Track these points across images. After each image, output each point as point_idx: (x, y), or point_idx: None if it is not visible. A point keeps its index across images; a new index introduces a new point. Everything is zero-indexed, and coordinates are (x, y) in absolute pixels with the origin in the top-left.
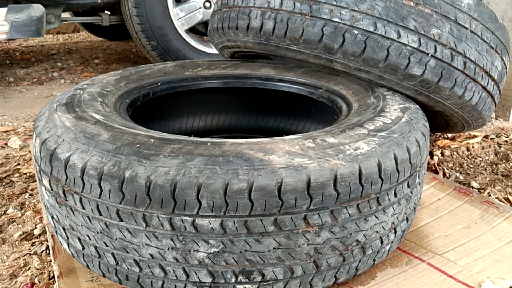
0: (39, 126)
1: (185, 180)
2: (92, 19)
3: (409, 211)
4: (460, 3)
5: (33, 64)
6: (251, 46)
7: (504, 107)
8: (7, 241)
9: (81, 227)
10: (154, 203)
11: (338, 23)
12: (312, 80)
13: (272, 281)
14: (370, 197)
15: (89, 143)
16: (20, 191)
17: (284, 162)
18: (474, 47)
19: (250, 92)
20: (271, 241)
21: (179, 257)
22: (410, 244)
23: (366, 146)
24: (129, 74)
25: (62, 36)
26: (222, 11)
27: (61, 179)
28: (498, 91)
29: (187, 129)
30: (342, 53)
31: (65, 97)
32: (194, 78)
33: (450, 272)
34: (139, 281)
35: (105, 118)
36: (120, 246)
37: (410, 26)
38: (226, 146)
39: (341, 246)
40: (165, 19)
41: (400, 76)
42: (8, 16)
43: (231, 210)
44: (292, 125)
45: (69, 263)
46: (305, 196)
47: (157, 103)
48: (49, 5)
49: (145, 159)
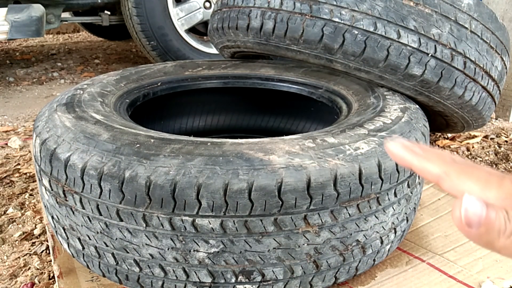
0: (39, 126)
1: (185, 180)
2: (92, 19)
3: (409, 211)
4: (460, 3)
5: (33, 64)
6: (251, 46)
7: (504, 107)
8: (7, 241)
9: (81, 227)
10: (154, 203)
11: (338, 23)
12: (312, 80)
13: (272, 281)
14: (370, 197)
15: (89, 143)
16: (20, 191)
17: (284, 162)
18: (474, 47)
19: (250, 92)
20: (271, 241)
21: (179, 257)
22: (410, 244)
23: (366, 146)
24: (129, 74)
25: (62, 36)
26: (222, 11)
27: (61, 179)
28: (498, 91)
29: (187, 129)
30: (342, 53)
31: (65, 97)
32: (194, 78)
33: (450, 272)
34: (139, 281)
35: (105, 118)
36: (120, 246)
37: (410, 26)
38: (226, 146)
39: (341, 246)
40: (165, 19)
41: (400, 76)
42: (8, 16)
43: (231, 210)
44: (292, 125)
45: (69, 263)
46: (305, 196)
47: (157, 103)
48: (49, 5)
49: (145, 159)
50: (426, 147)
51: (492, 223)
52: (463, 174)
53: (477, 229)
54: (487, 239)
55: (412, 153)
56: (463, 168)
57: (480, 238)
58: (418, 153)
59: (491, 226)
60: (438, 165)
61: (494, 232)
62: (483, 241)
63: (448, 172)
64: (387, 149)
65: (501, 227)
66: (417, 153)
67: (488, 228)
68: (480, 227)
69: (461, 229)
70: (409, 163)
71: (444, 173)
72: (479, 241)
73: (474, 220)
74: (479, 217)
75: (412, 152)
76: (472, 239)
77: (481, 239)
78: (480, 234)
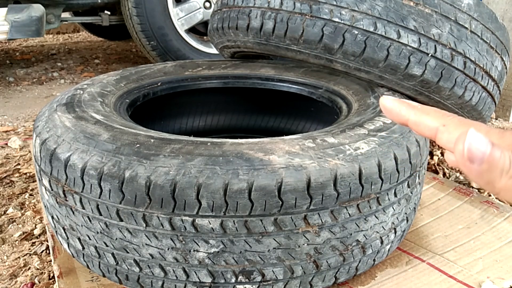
0: (39, 126)
1: (185, 180)
2: (92, 19)
3: (409, 211)
4: (460, 3)
5: (33, 64)
6: (251, 46)
7: (504, 107)
8: (7, 241)
9: (81, 227)
10: (154, 203)
11: (338, 23)
12: (312, 80)
13: (272, 281)
14: (370, 197)
15: (89, 143)
16: (20, 191)
17: (284, 162)
18: (474, 47)
19: (250, 92)
20: (271, 241)
21: (179, 257)
22: (410, 244)
23: (366, 146)
24: (129, 74)
25: (62, 36)
26: (222, 11)
27: (61, 179)
28: (498, 91)
29: (187, 129)
30: (342, 53)
31: (65, 97)
32: (194, 78)
33: (450, 272)
34: (139, 281)
35: (105, 118)
36: (120, 246)
37: (410, 26)
38: (226, 146)
39: (341, 246)
40: (165, 19)
41: (400, 76)
42: (8, 16)
43: (231, 210)
44: (292, 125)
45: (69, 263)
46: (305, 196)
47: (157, 103)
48: (49, 5)
49: (145, 159)
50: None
51: (496, 161)
52: (462, 126)
53: (480, 166)
54: (489, 177)
55: (408, 106)
56: (461, 120)
57: (481, 176)
58: (415, 106)
59: (494, 164)
60: (436, 118)
61: (497, 171)
62: (484, 179)
63: (447, 124)
64: (382, 105)
65: (505, 166)
66: (414, 106)
67: (491, 166)
68: (483, 164)
69: (462, 164)
70: (405, 118)
71: (442, 126)
72: (480, 179)
73: (478, 155)
74: (483, 153)
75: (408, 106)
76: (473, 177)
77: (482, 177)
78: (482, 172)
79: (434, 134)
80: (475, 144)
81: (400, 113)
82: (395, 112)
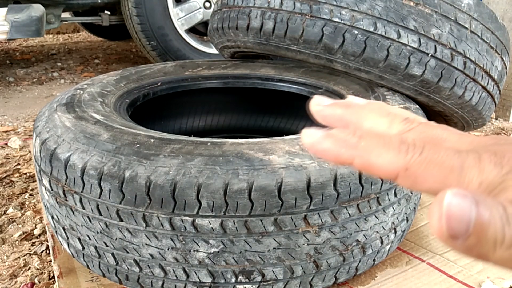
0: (39, 126)
1: (185, 180)
2: (92, 19)
3: (409, 211)
4: (460, 3)
5: (33, 64)
6: (251, 46)
7: (504, 107)
8: (7, 241)
9: (81, 227)
10: (154, 203)
11: (338, 23)
12: (312, 80)
13: (272, 281)
14: (370, 197)
15: (89, 143)
16: (20, 191)
17: (284, 162)
18: (474, 47)
19: (250, 92)
20: (271, 241)
21: (179, 257)
22: (410, 244)
23: None
24: (129, 74)
25: (62, 36)
26: (222, 11)
27: (61, 179)
28: (498, 91)
29: (187, 129)
30: (342, 53)
31: (65, 97)
32: (194, 78)
33: (450, 272)
34: (139, 281)
35: (105, 118)
36: (120, 246)
37: (410, 26)
38: (226, 146)
39: (341, 246)
40: (165, 19)
41: (400, 76)
42: (8, 16)
43: (231, 210)
44: (292, 125)
45: (69, 263)
46: (305, 196)
47: (157, 103)
48: (49, 5)
49: (145, 159)
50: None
51: (485, 231)
52: (430, 165)
53: (465, 241)
54: (480, 251)
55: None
56: (427, 156)
57: (470, 251)
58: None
59: (483, 235)
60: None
61: (489, 243)
62: (474, 254)
63: (410, 165)
64: (304, 143)
65: (498, 235)
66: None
67: (480, 239)
68: (469, 238)
69: (443, 241)
70: (336, 158)
71: (403, 170)
72: (469, 254)
73: (461, 230)
74: (467, 223)
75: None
76: (459, 252)
77: (472, 252)
78: (470, 247)
79: (394, 178)
80: (456, 216)
81: (328, 150)
82: (321, 151)
